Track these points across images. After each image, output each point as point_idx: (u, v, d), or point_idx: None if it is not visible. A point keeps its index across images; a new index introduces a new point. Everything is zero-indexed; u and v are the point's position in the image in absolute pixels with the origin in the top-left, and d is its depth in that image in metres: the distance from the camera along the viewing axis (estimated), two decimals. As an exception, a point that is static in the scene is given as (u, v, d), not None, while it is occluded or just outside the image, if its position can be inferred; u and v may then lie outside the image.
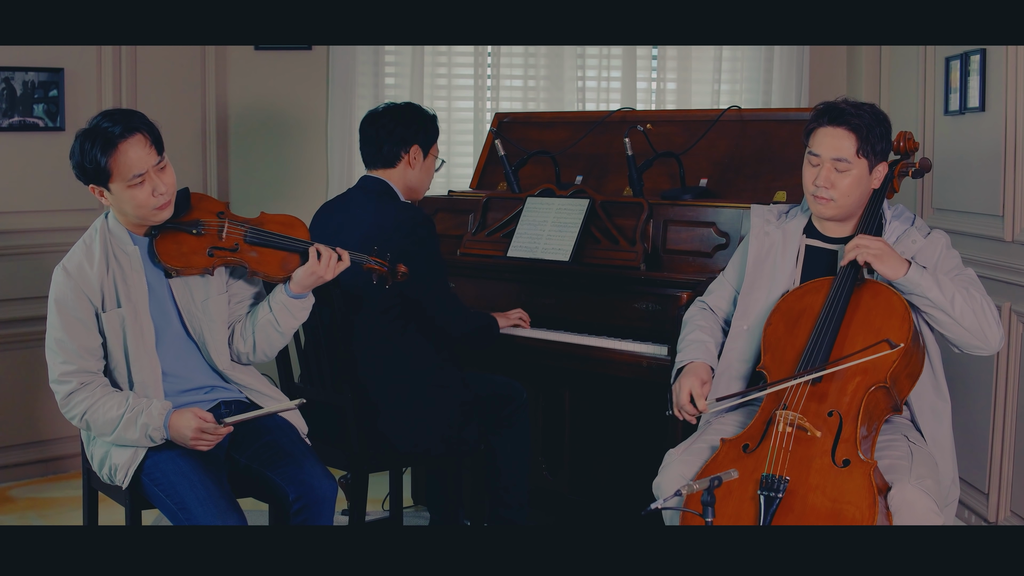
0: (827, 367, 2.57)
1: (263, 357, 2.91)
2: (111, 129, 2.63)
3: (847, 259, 2.66)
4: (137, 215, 2.70)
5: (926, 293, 2.61)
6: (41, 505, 4.17)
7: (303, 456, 2.75)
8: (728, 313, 2.94)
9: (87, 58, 4.43)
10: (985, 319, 2.63)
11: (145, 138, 2.65)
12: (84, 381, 2.70)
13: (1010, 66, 3.48)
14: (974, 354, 2.69)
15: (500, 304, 3.58)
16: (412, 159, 3.33)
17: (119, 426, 2.65)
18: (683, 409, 2.76)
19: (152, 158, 2.66)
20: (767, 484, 2.45)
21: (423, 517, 3.93)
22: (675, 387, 2.80)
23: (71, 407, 2.70)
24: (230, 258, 2.79)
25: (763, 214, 2.92)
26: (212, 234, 2.78)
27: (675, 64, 4.96)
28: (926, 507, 2.44)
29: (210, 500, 2.59)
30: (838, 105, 2.71)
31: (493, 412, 3.35)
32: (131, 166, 2.63)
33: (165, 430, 2.65)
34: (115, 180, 2.64)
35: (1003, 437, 3.59)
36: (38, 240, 4.37)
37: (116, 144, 2.62)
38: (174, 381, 2.78)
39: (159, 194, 2.67)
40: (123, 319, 2.71)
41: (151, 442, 2.67)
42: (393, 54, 4.88)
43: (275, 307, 2.84)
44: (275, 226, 2.86)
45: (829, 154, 2.69)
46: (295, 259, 2.83)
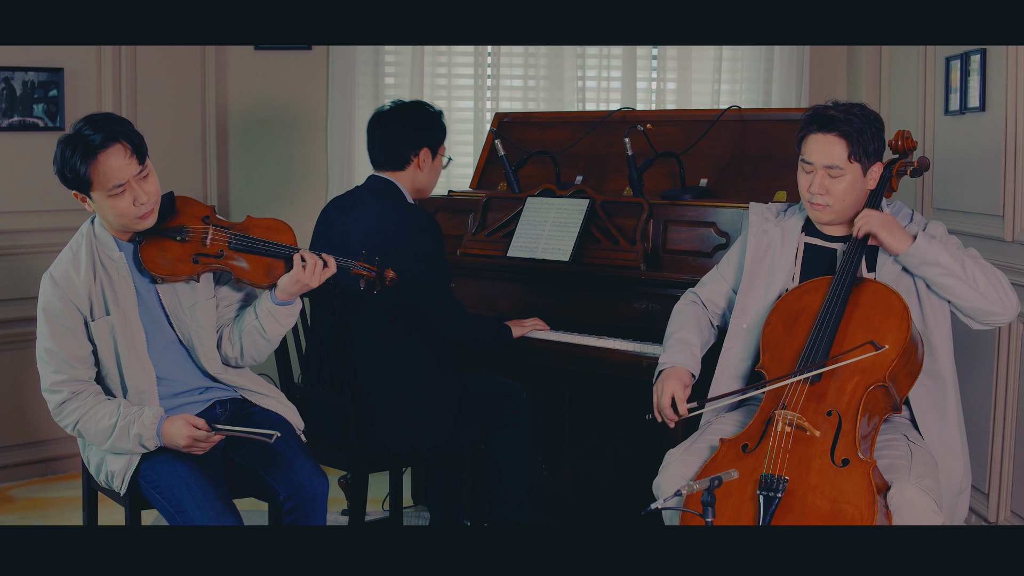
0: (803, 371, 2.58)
1: (251, 362, 2.89)
2: (92, 138, 2.58)
3: (856, 232, 2.66)
4: (119, 223, 2.68)
5: (937, 259, 2.60)
6: (41, 505, 4.17)
7: (293, 455, 2.73)
8: (720, 307, 2.94)
9: (87, 58, 4.42)
10: (999, 282, 2.62)
11: (125, 148, 2.61)
12: (75, 390, 2.69)
13: (1010, 66, 3.48)
14: (992, 323, 2.66)
15: (500, 304, 3.58)
16: (422, 161, 3.32)
17: (112, 436, 2.65)
18: (663, 412, 2.76)
19: (133, 168, 2.61)
20: (766, 484, 2.45)
21: (423, 517, 3.93)
22: (656, 388, 2.80)
23: (63, 416, 2.70)
24: (215, 264, 2.77)
25: (761, 212, 2.91)
26: (196, 240, 2.76)
27: (675, 64, 4.96)
28: (925, 506, 2.44)
29: (207, 503, 2.58)
30: (827, 111, 2.69)
31: (493, 412, 3.34)
32: (111, 176, 2.60)
33: (158, 438, 2.64)
34: (96, 189, 2.61)
35: (1003, 437, 3.59)
36: (38, 240, 4.37)
37: (96, 154, 2.58)
38: (168, 384, 2.78)
39: (140, 203, 2.64)
40: (112, 326, 2.69)
41: (144, 450, 2.66)
42: (393, 54, 4.88)
43: (261, 314, 2.81)
44: (260, 231, 2.83)
45: (821, 161, 2.68)
46: (280, 265, 2.80)
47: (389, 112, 3.34)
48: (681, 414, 2.74)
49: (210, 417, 2.79)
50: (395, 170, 3.32)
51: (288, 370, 3.37)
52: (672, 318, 2.95)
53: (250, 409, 2.88)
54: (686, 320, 2.91)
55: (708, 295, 2.95)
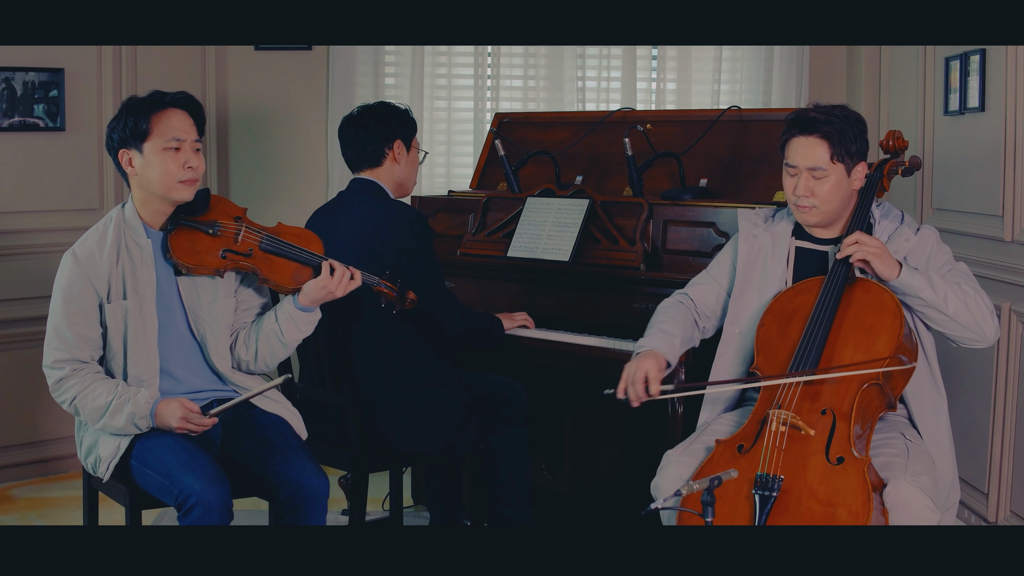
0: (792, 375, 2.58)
1: (263, 367, 2.91)
2: (164, 92, 2.74)
3: (843, 253, 2.66)
4: (161, 185, 2.70)
5: (919, 294, 2.62)
6: (41, 505, 4.18)
7: (294, 454, 2.74)
8: (708, 307, 2.93)
9: (87, 58, 4.43)
10: (980, 313, 2.63)
11: (188, 115, 2.73)
12: (76, 368, 2.71)
13: (1010, 66, 3.48)
14: (971, 347, 2.71)
15: (500, 304, 3.58)
16: (397, 154, 3.34)
17: (106, 413, 2.67)
18: (634, 386, 2.69)
19: (193, 133, 2.73)
20: (762, 483, 2.46)
21: (423, 517, 3.93)
22: (630, 365, 2.74)
23: (61, 392, 2.72)
24: (243, 263, 2.79)
25: (750, 218, 2.92)
26: (228, 236, 2.79)
27: (675, 64, 4.96)
28: (922, 504, 2.45)
29: (193, 463, 2.60)
30: (808, 114, 2.72)
31: (493, 412, 3.35)
32: (172, 128, 2.69)
33: (151, 418, 2.66)
34: (152, 139, 2.68)
35: (1003, 437, 3.59)
36: (38, 240, 4.37)
37: (163, 107, 2.70)
38: (170, 382, 2.78)
39: (188, 167, 2.70)
40: (126, 311, 2.71)
41: (137, 430, 2.68)
42: (393, 54, 4.88)
43: (281, 318, 2.83)
44: (291, 237, 2.86)
45: (804, 163, 2.70)
46: (307, 272, 2.83)
47: (356, 114, 3.37)
48: (652, 394, 2.68)
49: (205, 409, 2.80)
50: (373, 167, 3.33)
51: (288, 370, 3.37)
52: (657, 312, 2.94)
53: (251, 410, 2.88)
54: (670, 315, 2.90)
55: (697, 293, 2.95)
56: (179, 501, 2.56)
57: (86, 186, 4.45)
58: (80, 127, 4.43)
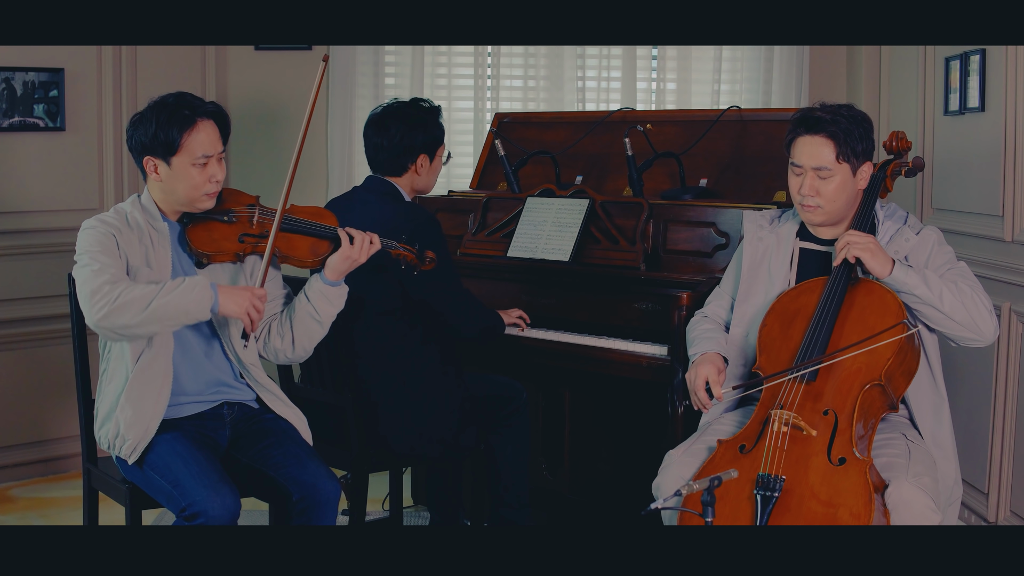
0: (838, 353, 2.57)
1: (302, 352, 2.90)
2: (196, 104, 2.70)
3: (839, 259, 2.66)
4: (187, 197, 2.71)
5: (913, 290, 2.62)
6: (41, 505, 4.18)
7: (307, 457, 2.75)
8: (728, 321, 2.94)
9: (87, 58, 4.43)
10: (977, 311, 2.63)
11: (215, 127, 2.73)
12: (120, 280, 2.61)
13: (1010, 66, 3.48)
14: (971, 346, 2.70)
15: (500, 304, 3.58)
16: (419, 167, 3.33)
17: (160, 292, 2.56)
18: (697, 394, 2.74)
19: (219, 145, 2.73)
20: (763, 483, 2.46)
21: (423, 517, 3.94)
22: (689, 376, 2.79)
23: (102, 296, 2.55)
24: (261, 245, 2.80)
25: (756, 220, 2.92)
26: (243, 221, 2.81)
27: (675, 64, 4.96)
28: (923, 505, 2.45)
29: (203, 475, 2.59)
30: (814, 113, 2.72)
31: (493, 412, 3.35)
32: (202, 146, 2.69)
33: (213, 288, 2.62)
34: (181, 155, 2.67)
35: (1003, 437, 3.59)
36: (38, 240, 4.37)
37: (195, 122, 2.68)
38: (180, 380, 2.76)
39: (215, 181, 2.72)
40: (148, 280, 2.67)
41: (196, 304, 2.58)
42: (393, 54, 4.88)
43: (312, 296, 2.84)
44: (305, 215, 2.90)
45: (810, 163, 2.70)
46: (324, 245, 2.86)
47: (384, 116, 3.31)
48: (717, 397, 2.73)
49: (216, 417, 2.81)
50: (393, 176, 3.33)
51: (288, 370, 3.37)
52: (689, 329, 2.96)
53: (262, 415, 2.88)
54: (704, 327, 2.92)
55: (714, 311, 2.96)
56: (186, 515, 2.55)
57: (86, 186, 4.45)
58: (80, 127, 4.43)
